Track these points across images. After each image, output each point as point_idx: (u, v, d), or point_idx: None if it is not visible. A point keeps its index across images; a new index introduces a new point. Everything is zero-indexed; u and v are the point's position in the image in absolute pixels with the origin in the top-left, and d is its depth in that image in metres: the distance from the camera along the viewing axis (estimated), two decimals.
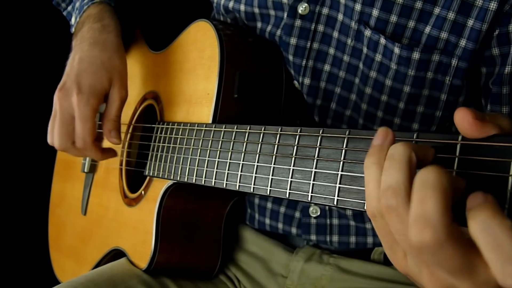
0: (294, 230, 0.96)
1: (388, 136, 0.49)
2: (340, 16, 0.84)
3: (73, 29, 1.08)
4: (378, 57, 0.81)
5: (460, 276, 0.42)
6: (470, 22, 0.76)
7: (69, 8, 1.17)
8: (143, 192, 0.98)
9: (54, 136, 0.92)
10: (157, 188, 0.93)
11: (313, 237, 0.94)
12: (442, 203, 0.41)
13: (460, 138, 0.48)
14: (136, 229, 0.97)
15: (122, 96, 0.95)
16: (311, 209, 0.93)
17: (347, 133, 0.59)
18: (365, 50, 0.83)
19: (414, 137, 0.52)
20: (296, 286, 0.94)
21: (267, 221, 0.99)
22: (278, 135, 0.69)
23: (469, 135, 0.46)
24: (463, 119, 0.45)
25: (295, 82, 0.90)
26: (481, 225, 0.39)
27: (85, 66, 0.93)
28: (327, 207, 0.92)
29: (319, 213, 0.93)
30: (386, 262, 0.91)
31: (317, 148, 0.63)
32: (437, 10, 0.77)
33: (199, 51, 0.91)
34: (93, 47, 0.95)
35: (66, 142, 0.92)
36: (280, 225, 0.97)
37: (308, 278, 0.94)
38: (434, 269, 0.45)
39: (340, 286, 0.92)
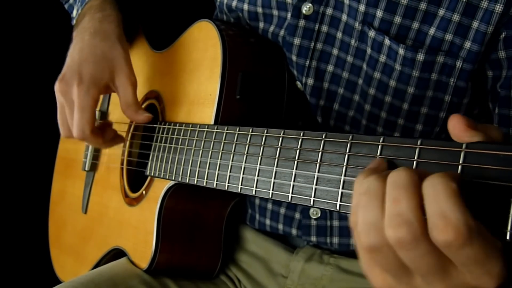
0: (294, 231, 0.96)
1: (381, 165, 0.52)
2: (344, 17, 0.84)
3: (74, 21, 1.07)
4: (382, 58, 0.81)
5: (433, 277, 0.44)
6: (475, 24, 0.75)
7: (71, 1, 1.16)
8: (144, 191, 0.97)
9: (72, 126, 0.90)
10: (158, 188, 0.92)
11: (313, 239, 0.94)
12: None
13: (464, 146, 0.47)
14: (137, 228, 0.97)
15: (133, 82, 0.93)
16: (311, 210, 0.92)
17: (350, 138, 0.59)
18: (369, 51, 0.82)
19: (418, 144, 0.51)
20: (296, 286, 0.94)
21: (268, 221, 0.98)
22: (280, 138, 0.69)
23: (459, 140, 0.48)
24: (454, 127, 0.47)
25: (298, 82, 0.90)
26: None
27: (86, 56, 0.91)
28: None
29: (319, 215, 0.92)
30: None
31: (320, 152, 0.62)
32: (441, 12, 0.76)
33: (202, 51, 0.90)
34: (94, 37, 0.93)
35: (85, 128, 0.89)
36: (280, 226, 0.97)
37: (309, 278, 0.94)
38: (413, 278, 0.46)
39: (340, 286, 0.92)
